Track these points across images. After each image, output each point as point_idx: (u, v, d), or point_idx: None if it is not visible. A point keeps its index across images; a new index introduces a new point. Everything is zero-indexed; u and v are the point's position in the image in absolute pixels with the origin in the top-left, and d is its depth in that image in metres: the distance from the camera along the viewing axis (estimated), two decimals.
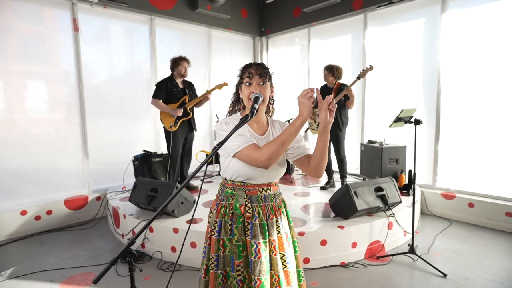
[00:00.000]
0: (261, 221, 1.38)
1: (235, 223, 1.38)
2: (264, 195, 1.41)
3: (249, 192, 1.39)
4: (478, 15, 3.58)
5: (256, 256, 1.32)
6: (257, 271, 1.31)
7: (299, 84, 5.55)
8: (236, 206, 1.38)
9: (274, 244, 1.38)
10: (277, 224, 1.42)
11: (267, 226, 1.39)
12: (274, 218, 1.42)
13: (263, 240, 1.35)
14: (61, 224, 3.70)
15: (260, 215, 1.38)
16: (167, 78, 3.76)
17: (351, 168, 4.53)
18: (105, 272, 0.89)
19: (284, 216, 1.47)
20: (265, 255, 1.34)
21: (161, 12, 4.53)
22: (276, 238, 1.40)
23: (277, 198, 1.46)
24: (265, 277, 1.32)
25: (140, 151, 4.14)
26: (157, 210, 1.10)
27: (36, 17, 3.67)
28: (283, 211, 1.47)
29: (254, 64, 1.38)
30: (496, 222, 3.41)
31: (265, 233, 1.37)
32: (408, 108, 2.86)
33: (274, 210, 1.43)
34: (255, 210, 1.38)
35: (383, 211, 3.00)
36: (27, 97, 3.64)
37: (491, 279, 2.44)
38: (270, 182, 1.43)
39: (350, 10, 4.54)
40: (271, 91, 1.43)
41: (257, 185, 1.40)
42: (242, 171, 1.36)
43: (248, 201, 1.38)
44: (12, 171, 3.51)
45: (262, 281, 1.31)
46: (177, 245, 2.75)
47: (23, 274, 2.59)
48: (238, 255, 1.36)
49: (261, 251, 1.33)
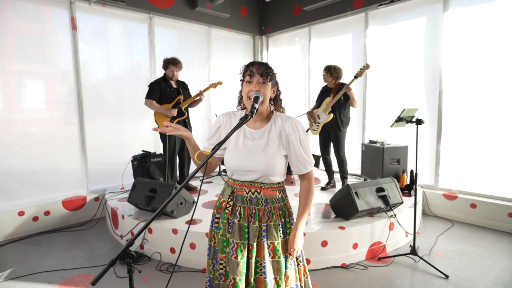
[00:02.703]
0: (242, 222, 1.37)
1: (221, 218, 1.43)
2: (250, 197, 1.38)
3: (236, 190, 1.41)
4: (480, 13, 3.55)
5: (233, 255, 1.34)
6: (232, 270, 1.34)
7: (299, 83, 5.52)
8: (220, 201, 1.46)
9: (251, 248, 1.35)
10: (261, 231, 1.36)
11: (247, 228, 1.36)
12: (257, 223, 1.35)
13: (241, 241, 1.35)
14: (59, 225, 3.67)
15: (242, 216, 1.37)
16: (160, 78, 3.73)
17: (352, 168, 4.51)
18: (104, 274, 0.89)
19: (276, 227, 1.38)
20: (241, 256, 1.34)
21: (160, 10, 4.49)
22: (255, 243, 1.35)
23: (270, 204, 1.39)
24: (239, 277, 1.32)
25: (138, 151, 4.11)
26: (156, 211, 1.09)
27: (34, 15, 3.64)
28: (275, 220, 1.38)
29: (257, 63, 1.37)
30: (498, 223, 3.38)
31: (244, 235, 1.36)
32: (409, 108, 2.83)
33: (259, 215, 1.36)
34: (237, 210, 1.38)
35: (384, 212, 2.97)
36: (24, 97, 3.61)
37: (494, 280, 2.42)
38: (260, 184, 1.38)
39: (351, 9, 4.51)
40: (273, 91, 1.41)
41: (244, 185, 1.39)
42: (225, 163, 1.44)
43: (232, 199, 1.41)
44: (10, 171, 3.48)
45: (236, 280, 1.32)
46: (176, 246, 2.73)
47: (21, 276, 2.57)
48: (221, 249, 1.41)
49: (237, 251, 1.34)
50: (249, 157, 1.36)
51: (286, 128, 1.38)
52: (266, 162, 1.34)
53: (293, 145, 1.37)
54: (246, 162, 1.36)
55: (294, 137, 1.37)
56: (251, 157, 1.36)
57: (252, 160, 1.35)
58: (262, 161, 1.34)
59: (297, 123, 1.40)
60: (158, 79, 3.74)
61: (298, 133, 1.38)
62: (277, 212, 1.39)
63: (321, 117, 3.78)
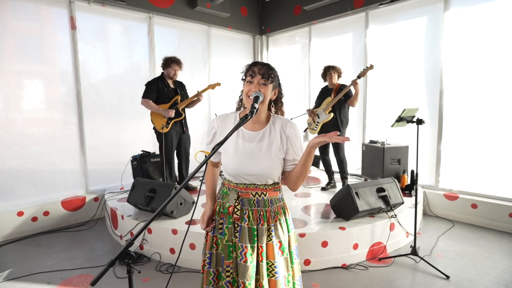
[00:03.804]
0: (251, 225, 1.36)
1: (226, 223, 1.40)
2: (257, 200, 1.38)
3: (241, 194, 1.38)
4: (481, 13, 3.53)
5: (242, 259, 1.33)
6: (241, 274, 1.32)
7: (299, 83, 5.51)
8: (225, 206, 1.40)
9: (261, 251, 1.34)
10: (269, 232, 1.37)
11: (256, 231, 1.36)
12: (266, 225, 1.37)
13: (250, 244, 1.34)
14: (58, 225, 3.65)
15: (250, 219, 1.36)
16: (158, 77, 3.67)
17: (352, 168, 4.50)
18: (103, 274, 0.88)
19: (281, 225, 1.41)
20: (250, 260, 1.32)
21: (159, 10, 4.48)
22: (265, 245, 1.35)
23: (275, 204, 1.41)
24: (249, 281, 1.30)
25: (138, 151, 4.10)
26: (155, 211, 1.08)
27: (33, 15, 3.63)
28: (280, 219, 1.40)
29: (259, 63, 1.36)
30: (499, 223, 3.37)
31: (253, 238, 1.35)
32: (410, 108, 2.82)
33: (267, 216, 1.38)
34: (245, 213, 1.37)
35: (385, 212, 2.96)
36: (23, 97, 3.59)
37: (495, 281, 2.41)
38: (264, 185, 1.38)
39: (351, 8, 4.49)
40: (274, 93, 1.41)
41: (250, 188, 1.37)
42: (224, 167, 1.41)
43: (238, 203, 1.38)
44: (9, 171, 3.47)
45: (246, 285, 1.30)
46: (176, 246, 2.72)
47: (20, 276, 2.55)
48: (228, 255, 1.38)
49: (247, 255, 1.33)
50: (253, 160, 1.35)
51: (286, 131, 1.39)
52: (270, 164, 1.35)
53: (292, 147, 1.39)
54: (251, 165, 1.35)
55: (295, 139, 1.39)
56: (255, 160, 1.35)
57: (256, 163, 1.34)
58: (267, 163, 1.34)
59: (296, 126, 1.42)
60: (155, 78, 3.69)
61: (298, 136, 1.40)
62: (280, 211, 1.42)
63: (320, 117, 3.77)
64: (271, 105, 1.44)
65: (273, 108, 1.46)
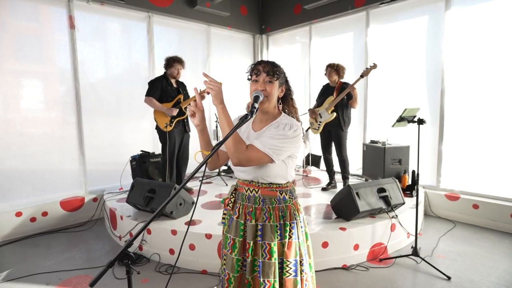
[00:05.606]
0: (239, 219, 1.39)
1: (227, 214, 1.49)
2: (249, 195, 1.39)
3: (238, 188, 1.45)
4: (483, 12, 3.51)
5: (228, 250, 1.39)
6: (227, 264, 1.39)
7: (300, 82, 5.49)
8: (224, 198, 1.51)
9: (248, 247, 1.34)
10: (256, 230, 1.33)
11: (243, 226, 1.37)
12: (254, 222, 1.34)
13: (237, 238, 1.37)
14: (57, 226, 3.64)
15: (240, 213, 1.39)
16: (161, 76, 3.68)
17: (353, 168, 4.47)
18: (102, 275, 0.88)
19: (273, 228, 1.32)
20: (235, 253, 1.36)
21: (159, 9, 4.46)
22: (252, 242, 1.33)
23: (269, 204, 1.35)
24: (233, 274, 1.37)
25: (137, 151, 4.08)
26: (155, 212, 1.07)
27: (32, 14, 3.61)
28: (272, 221, 1.33)
29: (264, 62, 1.35)
30: (501, 223, 3.35)
31: (239, 232, 1.37)
32: (411, 108, 2.80)
33: (256, 214, 1.35)
34: (237, 207, 1.42)
35: (385, 213, 2.95)
36: (22, 96, 3.58)
37: (496, 281, 2.40)
38: (257, 183, 1.36)
39: (352, 7, 4.47)
40: (281, 90, 1.39)
41: (244, 183, 1.40)
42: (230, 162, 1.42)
43: (233, 196, 1.45)
44: (7, 171, 3.45)
45: (230, 276, 1.36)
46: (176, 247, 2.71)
47: (18, 277, 2.54)
48: (225, 245, 1.44)
49: (232, 247, 1.37)
50: None
51: (279, 124, 1.34)
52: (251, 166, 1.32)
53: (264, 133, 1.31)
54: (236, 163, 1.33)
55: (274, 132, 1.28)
56: None
57: None
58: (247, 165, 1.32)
59: (292, 127, 1.30)
60: (159, 76, 3.68)
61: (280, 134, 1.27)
62: (276, 213, 1.35)
63: (322, 116, 3.75)
64: (279, 102, 1.41)
65: (281, 105, 1.43)
